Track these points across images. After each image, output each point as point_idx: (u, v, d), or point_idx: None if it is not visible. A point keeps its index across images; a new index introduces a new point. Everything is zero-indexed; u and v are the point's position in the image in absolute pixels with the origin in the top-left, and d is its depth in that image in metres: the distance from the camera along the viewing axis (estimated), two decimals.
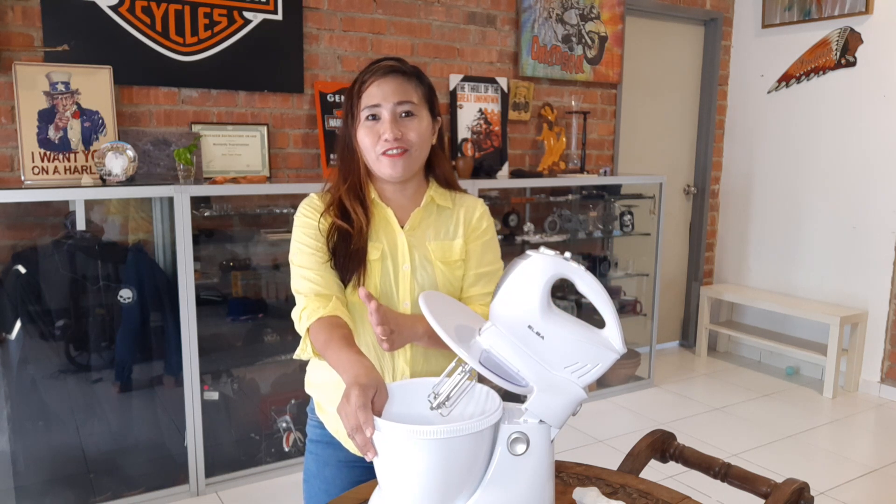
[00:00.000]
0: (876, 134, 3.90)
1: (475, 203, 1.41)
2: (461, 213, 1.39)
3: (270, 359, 3.03)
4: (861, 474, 3.00)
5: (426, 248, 1.34)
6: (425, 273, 1.32)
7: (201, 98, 2.96)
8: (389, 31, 3.36)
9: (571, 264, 0.99)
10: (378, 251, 1.30)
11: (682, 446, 1.43)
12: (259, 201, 3.04)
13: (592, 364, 1.00)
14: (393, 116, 1.27)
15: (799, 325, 4.30)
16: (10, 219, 2.62)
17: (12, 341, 2.55)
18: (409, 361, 1.33)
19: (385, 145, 1.27)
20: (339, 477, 1.39)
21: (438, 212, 1.38)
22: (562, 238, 3.69)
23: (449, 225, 1.38)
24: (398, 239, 1.33)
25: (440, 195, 1.38)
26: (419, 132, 1.29)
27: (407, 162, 1.29)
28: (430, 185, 1.39)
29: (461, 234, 1.37)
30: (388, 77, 1.28)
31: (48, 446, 2.65)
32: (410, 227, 1.34)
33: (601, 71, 4.02)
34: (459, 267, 1.36)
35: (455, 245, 1.36)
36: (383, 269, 1.30)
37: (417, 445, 0.92)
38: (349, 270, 1.28)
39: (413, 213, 1.35)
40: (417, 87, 1.31)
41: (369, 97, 1.28)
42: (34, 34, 2.63)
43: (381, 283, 1.30)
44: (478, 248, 1.38)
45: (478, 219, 1.39)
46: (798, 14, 4.19)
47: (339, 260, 1.29)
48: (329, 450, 1.40)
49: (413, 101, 1.29)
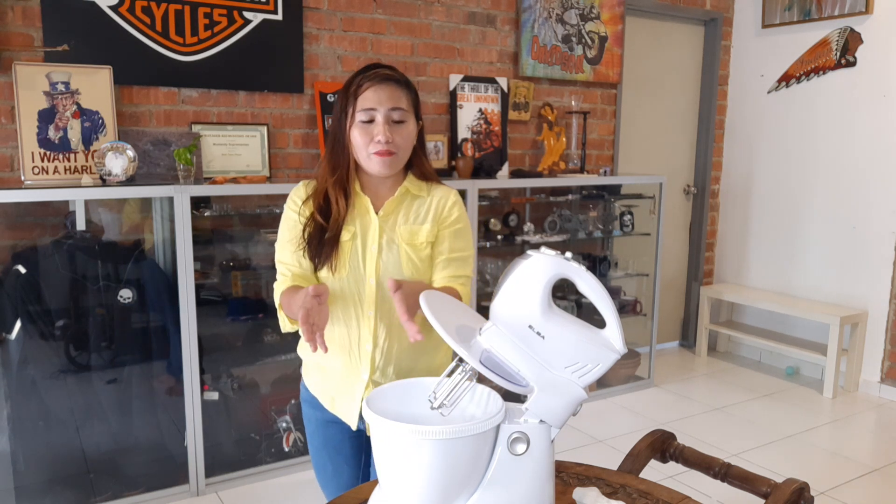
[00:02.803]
0: (876, 134, 3.90)
1: (448, 193, 1.55)
2: (433, 201, 1.53)
3: (270, 359, 3.03)
4: (861, 474, 3.00)
5: (395, 231, 1.49)
6: (391, 254, 1.48)
7: (201, 98, 2.96)
8: (389, 31, 3.36)
9: (572, 264, 0.99)
10: (350, 233, 1.47)
11: (682, 446, 1.44)
12: (259, 201, 3.04)
13: (593, 364, 1.00)
14: (386, 120, 1.43)
15: (799, 325, 4.30)
16: (10, 219, 2.62)
17: (12, 341, 2.55)
18: (371, 330, 1.48)
19: (377, 146, 1.43)
20: (317, 434, 1.60)
21: (411, 200, 1.53)
22: (562, 238, 3.69)
23: (420, 211, 1.52)
24: (371, 223, 1.49)
25: (415, 185, 1.53)
26: (406, 136, 1.46)
27: (394, 162, 1.46)
28: (406, 178, 1.53)
29: (431, 219, 1.51)
30: (384, 84, 1.43)
31: (48, 446, 2.65)
32: (384, 213, 1.50)
33: (601, 71, 4.02)
34: (424, 248, 1.50)
35: (423, 229, 1.50)
36: (353, 248, 1.47)
37: (420, 445, 0.92)
38: (322, 255, 1.45)
39: (388, 201, 1.50)
40: (407, 94, 1.47)
41: (365, 100, 1.43)
42: (34, 34, 2.63)
43: (350, 261, 1.46)
44: (450, 234, 1.52)
45: (450, 207, 1.53)
46: (798, 14, 4.19)
47: (313, 247, 1.46)
48: (310, 409, 1.60)
49: (403, 108, 1.45)
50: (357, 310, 1.48)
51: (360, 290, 1.47)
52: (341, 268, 1.45)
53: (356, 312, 1.48)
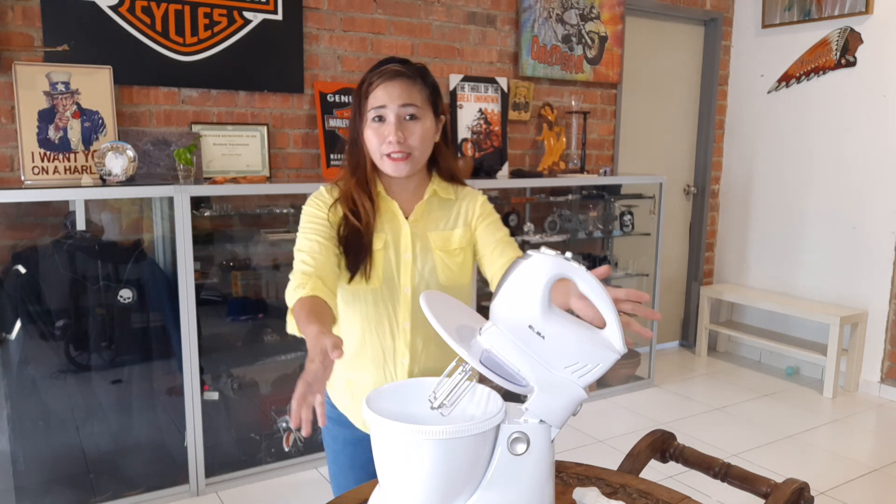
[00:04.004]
0: (876, 134, 3.90)
1: (475, 195, 1.51)
2: (462, 206, 1.48)
3: (270, 359, 3.03)
4: (861, 474, 3.00)
5: (427, 237, 1.43)
6: (426, 261, 1.41)
7: (201, 98, 2.96)
8: (389, 31, 3.36)
9: (572, 264, 0.98)
10: (382, 241, 1.39)
11: (682, 446, 1.43)
12: (259, 201, 3.04)
13: (593, 364, 1.00)
14: (397, 119, 1.34)
15: (799, 325, 4.30)
16: (10, 219, 2.62)
17: (12, 341, 2.55)
18: (407, 343, 1.40)
19: (389, 147, 1.35)
20: (343, 453, 1.49)
21: (441, 204, 1.47)
22: (562, 238, 3.69)
23: (450, 216, 1.46)
24: (402, 229, 1.41)
25: (443, 188, 1.46)
26: (421, 135, 1.37)
27: (408, 164, 1.37)
28: (432, 178, 1.47)
29: (461, 223, 1.46)
30: (394, 80, 1.35)
31: (48, 446, 2.65)
32: (414, 219, 1.43)
33: (601, 71, 4.02)
34: (458, 254, 1.44)
35: (455, 234, 1.45)
36: (386, 257, 1.39)
37: (420, 445, 0.92)
38: (357, 263, 1.37)
39: (417, 205, 1.44)
40: (422, 88, 1.38)
41: (375, 99, 1.35)
42: (34, 34, 2.63)
43: (384, 271, 1.39)
44: (487, 226, 1.47)
45: (480, 206, 1.49)
46: (798, 14, 4.19)
47: (350, 253, 1.37)
48: (336, 427, 1.49)
49: (417, 105, 1.36)
50: (391, 322, 1.40)
51: (394, 301, 1.40)
52: (375, 278, 1.37)
53: (390, 325, 1.40)
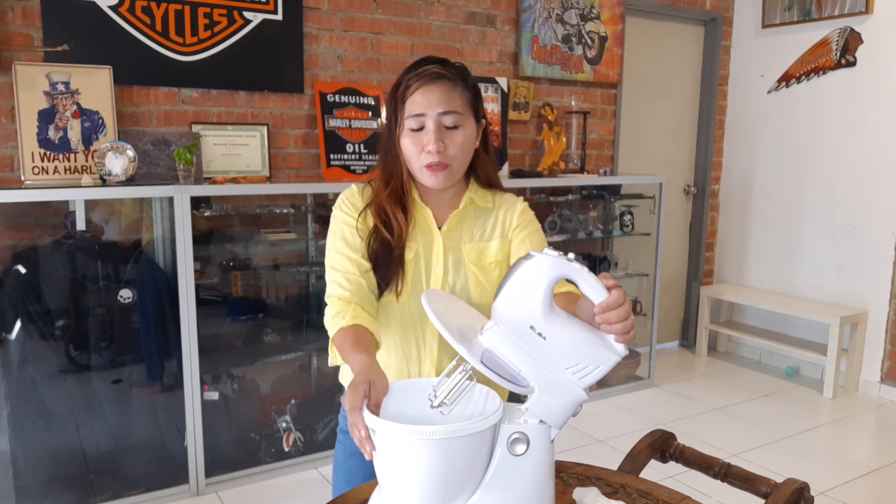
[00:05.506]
0: (876, 134, 3.90)
1: (514, 202, 1.40)
2: (500, 213, 1.38)
3: (270, 359, 3.03)
4: (861, 474, 3.00)
5: (461, 250, 1.34)
6: (458, 276, 1.33)
7: (201, 98, 2.96)
8: (389, 31, 3.36)
9: (574, 265, 0.98)
10: (412, 251, 1.31)
11: (682, 446, 1.43)
12: (259, 201, 3.04)
13: (594, 365, 1.00)
14: (437, 126, 1.25)
15: (799, 325, 4.30)
16: (10, 219, 2.62)
17: (12, 341, 2.55)
18: (434, 362, 1.34)
19: (428, 158, 1.26)
20: (361, 469, 1.40)
21: (477, 213, 1.37)
22: (562, 238, 3.69)
23: (486, 226, 1.37)
24: (434, 240, 1.34)
25: (480, 196, 1.37)
26: (462, 144, 1.28)
27: (447, 175, 1.29)
28: (469, 186, 1.38)
29: (499, 234, 1.37)
30: (433, 84, 1.26)
31: (48, 446, 2.65)
32: (448, 229, 1.34)
33: (601, 71, 4.02)
34: (493, 269, 1.35)
35: (491, 246, 1.36)
36: (416, 269, 1.32)
37: (418, 445, 0.92)
38: (388, 278, 1.30)
39: (451, 214, 1.35)
40: (463, 92, 1.29)
41: (413, 105, 1.26)
42: (34, 34, 2.62)
43: (413, 283, 1.31)
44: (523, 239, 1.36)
45: (518, 215, 1.38)
46: (798, 14, 4.19)
47: (380, 267, 1.30)
48: (348, 438, 1.41)
49: (458, 111, 1.27)
50: (418, 338, 1.33)
51: (422, 318, 1.31)
52: (405, 291, 1.30)
53: (416, 341, 1.33)
